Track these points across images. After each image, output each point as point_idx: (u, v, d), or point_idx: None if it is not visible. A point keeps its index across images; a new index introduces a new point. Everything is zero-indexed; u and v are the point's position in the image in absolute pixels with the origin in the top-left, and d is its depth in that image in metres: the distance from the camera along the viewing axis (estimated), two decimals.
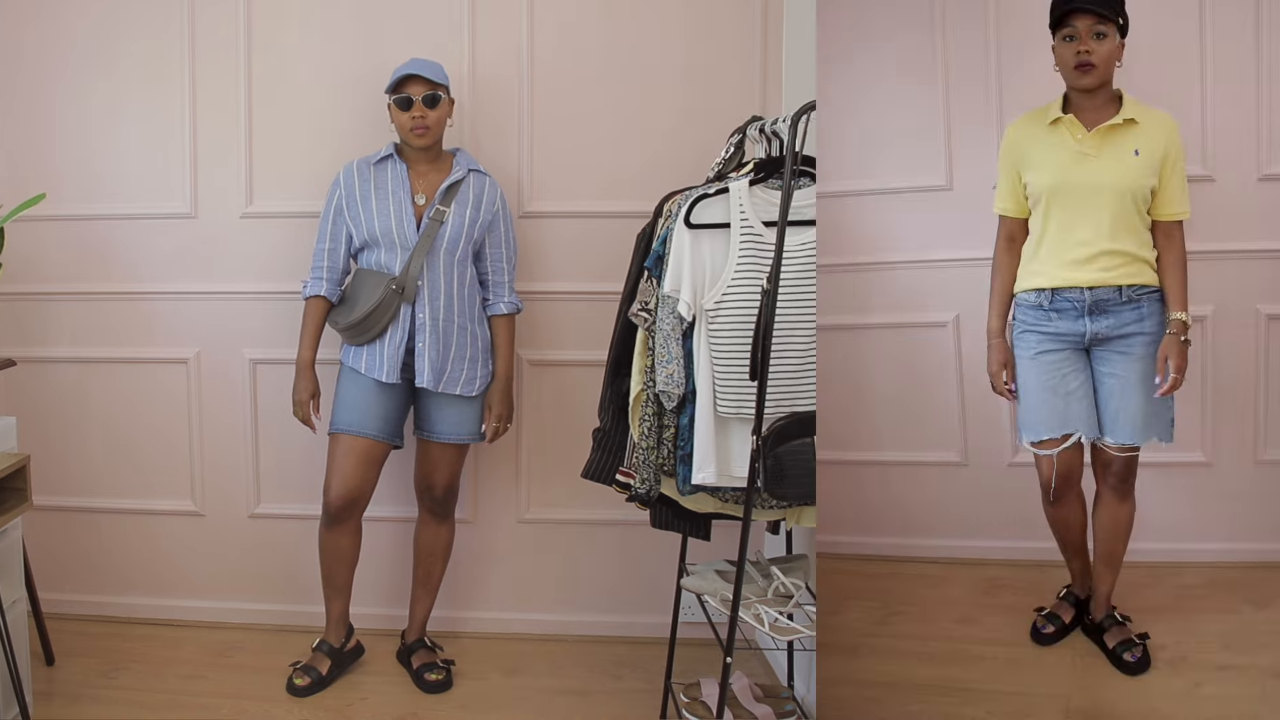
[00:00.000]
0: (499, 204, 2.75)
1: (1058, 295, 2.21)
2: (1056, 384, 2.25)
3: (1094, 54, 2.13)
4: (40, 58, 3.00)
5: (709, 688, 2.49)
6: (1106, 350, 2.23)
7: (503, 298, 2.80)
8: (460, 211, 2.66)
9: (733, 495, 2.29)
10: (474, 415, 2.78)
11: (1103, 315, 2.20)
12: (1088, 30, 2.14)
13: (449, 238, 2.64)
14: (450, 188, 2.67)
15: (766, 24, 2.93)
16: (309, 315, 2.73)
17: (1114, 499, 2.32)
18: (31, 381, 3.09)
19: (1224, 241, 2.80)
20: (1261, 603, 2.71)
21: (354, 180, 2.69)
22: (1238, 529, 2.90)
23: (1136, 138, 2.18)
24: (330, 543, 2.79)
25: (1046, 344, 2.25)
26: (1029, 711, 2.30)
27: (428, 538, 2.87)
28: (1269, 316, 2.82)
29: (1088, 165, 2.17)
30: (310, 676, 2.77)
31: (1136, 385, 2.21)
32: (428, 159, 2.70)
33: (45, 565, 3.02)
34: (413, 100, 2.60)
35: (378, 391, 2.69)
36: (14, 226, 2.67)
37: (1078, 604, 2.48)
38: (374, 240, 2.65)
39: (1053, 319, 2.23)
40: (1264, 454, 2.86)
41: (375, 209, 2.65)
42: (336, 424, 2.72)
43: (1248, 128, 2.77)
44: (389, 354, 2.66)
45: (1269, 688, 2.31)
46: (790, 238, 2.07)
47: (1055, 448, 2.27)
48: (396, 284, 2.62)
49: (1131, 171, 2.16)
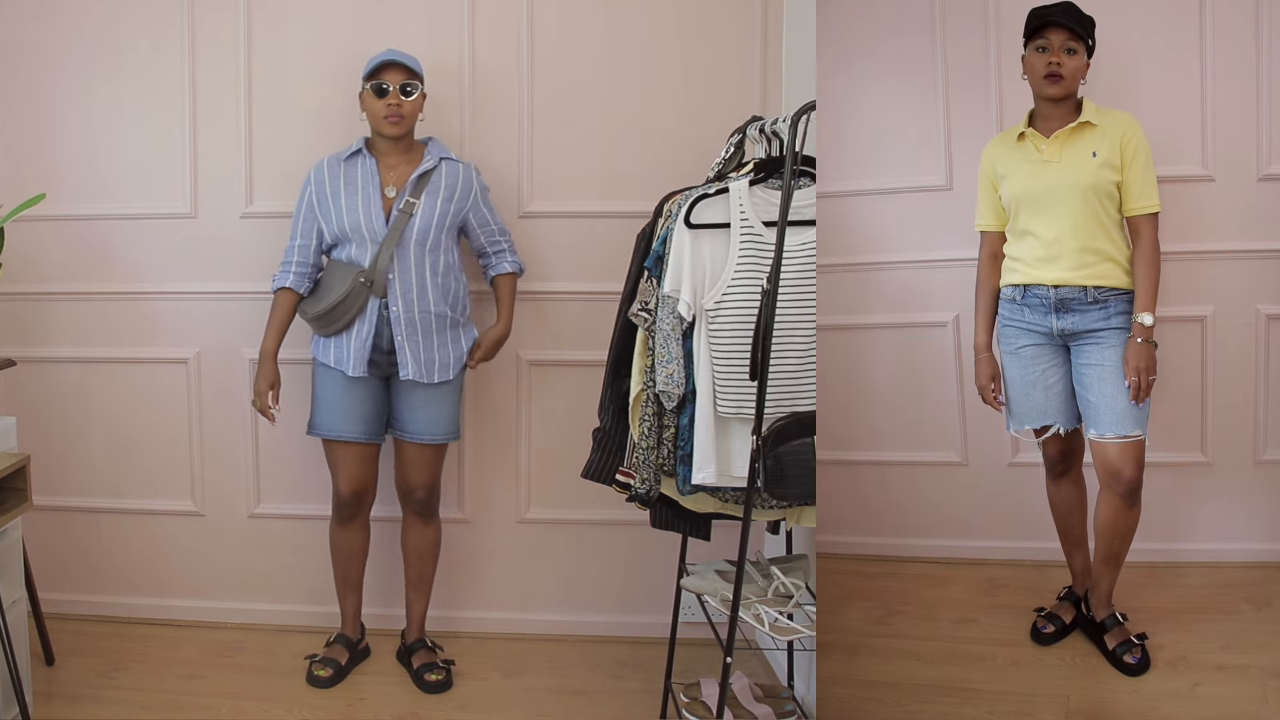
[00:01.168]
0: (475, 186, 2.74)
1: (1029, 291, 2.30)
2: (1036, 378, 2.35)
3: (1064, 67, 2.23)
4: (40, 58, 3.00)
5: (709, 688, 2.49)
6: (1083, 343, 2.29)
7: (506, 259, 2.83)
8: (431, 201, 2.65)
9: (733, 495, 2.29)
10: (448, 412, 2.76)
11: (1068, 313, 2.27)
12: (1060, 44, 2.23)
13: (419, 229, 2.63)
14: (421, 178, 2.66)
15: (766, 24, 2.93)
16: (276, 306, 2.73)
17: (1123, 504, 2.30)
18: (32, 381, 3.09)
19: (1224, 241, 2.81)
20: (1261, 603, 2.71)
21: (324, 177, 2.69)
22: (1238, 529, 2.90)
23: (1095, 139, 2.25)
24: (343, 539, 2.84)
25: (1024, 338, 2.35)
26: (1029, 711, 2.30)
27: (416, 539, 2.86)
28: (1269, 316, 2.82)
29: (1050, 170, 2.26)
30: (331, 668, 2.79)
31: (1114, 374, 2.24)
32: (398, 151, 2.69)
33: (45, 565, 3.02)
34: (388, 88, 2.59)
35: (351, 391, 2.70)
36: (14, 226, 2.67)
37: (1078, 603, 2.48)
38: (344, 235, 2.65)
39: (1025, 313, 2.33)
40: (1264, 454, 2.87)
41: (345, 204, 2.65)
42: (318, 427, 2.74)
43: (1248, 128, 2.77)
44: (356, 347, 2.67)
45: (1269, 688, 2.31)
46: (790, 238, 2.07)
47: (1037, 437, 2.40)
48: (365, 276, 2.61)
49: (1091, 171, 2.23)
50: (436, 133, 2.94)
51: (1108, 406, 2.25)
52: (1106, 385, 2.24)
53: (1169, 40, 2.22)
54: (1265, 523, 2.88)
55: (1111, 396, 2.24)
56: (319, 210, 2.68)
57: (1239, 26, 2.74)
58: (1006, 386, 2.40)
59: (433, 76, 2.94)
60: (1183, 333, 2.37)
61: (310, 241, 2.71)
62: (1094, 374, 2.26)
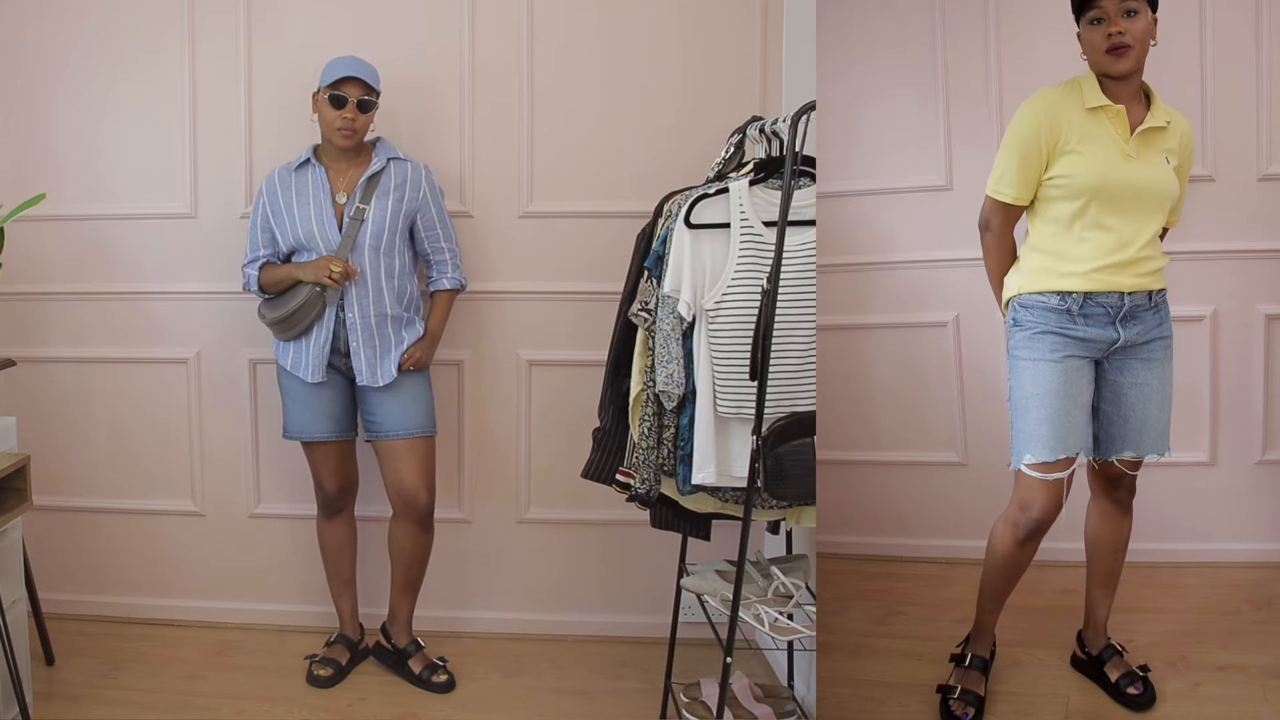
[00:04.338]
0: (424, 186, 2.71)
1: (1090, 300, 2.01)
2: (1076, 393, 2.03)
3: (1127, 34, 1.92)
4: (40, 58, 3.00)
5: (709, 688, 2.49)
6: (1128, 359, 2.08)
7: (445, 274, 2.78)
8: (381, 204, 2.65)
9: (733, 495, 2.29)
10: (415, 406, 2.73)
11: (1134, 321, 2.04)
12: (1117, 9, 1.93)
13: (371, 233, 2.63)
14: (370, 181, 2.65)
15: (766, 24, 2.93)
16: (266, 271, 2.71)
17: (1119, 513, 2.27)
18: (32, 381, 3.09)
19: (1224, 241, 2.81)
20: (1261, 603, 2.71)
21: (276, 188, 2.69)
22: (1238, 529, 2.90)
23: (1167, 142, 2.05)
24: (331, 533, 2.86)
25: (1070, 347, 2.04)
26: (1029, 711, 2.30)
27: (411, 544, 2.81)
28: (1269, 316, 2.83)
29: (1131, 166, 1.99)
30: (331, 668, 2.79)
31: (1162, 394, 2.10)
32: (347, 156, 2.68)
33: (45, 565, 3.02)
34: (346, 100, 2.58)
35: (316, 393, 2.71)
36: (14, 226, 2.67)
37: (985, 669, 2.29)
38: (300, 245, 2.66)
39: (1079, 324, 2.03)
40: (1265, 454, 2.87)
41: (297, 215, 2.65)
42: (291, 430, 2.77)
43: (1248, 128, 2.78)
44: (314, 354, 2.67)
45: (1269, 688, 2.31)
46: (790, 238, 2.07)
47: (1059, 471, 2.02)
48: (320, 285, 2.62)
49: (1169, 179, 2.04)
50: (436, 133, 2.95)
51: (1151, 428, 2.10)
52: (1151, 406, 2.08)
53: (1169, 40, 2.20)
54: (1266, 523, 2.89)
55: (1155, 417, 2.09)
56: (274, 222, 2.69)
57: (1239, 26, 2.75)
58: (1028, 405, 2.04)
59: (433, 76, 2.95)
60: (1183, 333, 2.36)
61: (268, 251, 2.73)
62: (1138, 394, 2.08)
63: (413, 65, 2.93)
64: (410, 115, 2.93)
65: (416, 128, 2.94)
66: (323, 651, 2.86)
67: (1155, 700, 2.25)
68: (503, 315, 3.02)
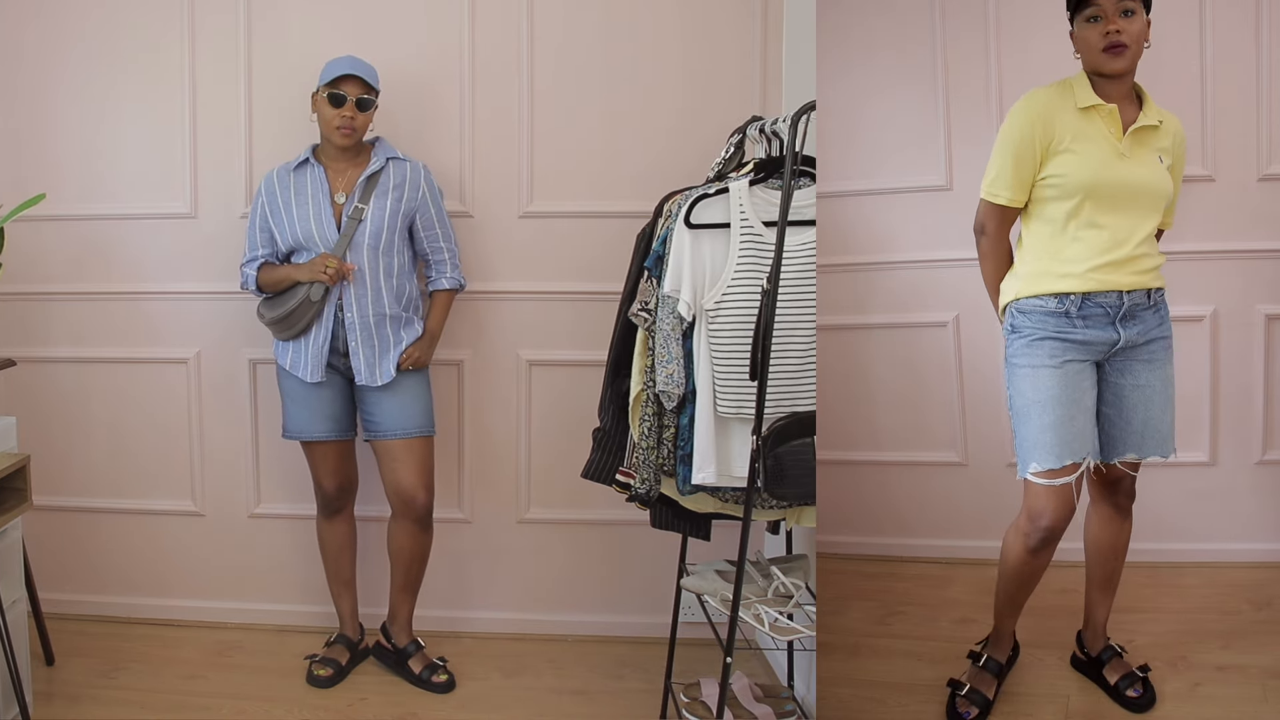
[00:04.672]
0: (424, 186, 2.71)
1: (1089, 300, 2.00)
2: (1079, 397, 2.01)
3: (1124, 33, 1.92)
4: (40, 57, 3.00)
5: (709, 688, 2.49)
6: (1129, 360, 2.06)
7: (444, 274, 2.78)
8: (380, 204, 2.65)
9: (733, 495, 2.29)
10: (414, 405, 2.73)
11: (1134, 321, 2.03)
12: (1114, 8, 1.93)
13: (370, 232, 2.63)
14: (369, 180, 2.65)
15: (766, 24, 2.93)
16: (265, 271, 2.71)
17: (1119, 517, 2.26)
18: (32, 381, 3.09)
19: (1224, 241, 2.81)
20: (1261, 603, 2.71)
21: (275, 188, 2.69)
22: (1238, 529, 2.90)
23: (1160, 141, 2.05)
24: (331, 533, 2.86)
25: (1070, 351, 2.01)
26: (1029, 711, 2.30)
27: (411, 544, 2.81)
28: (1269, 316, 2.82)
29: (1125, 164, 1.99)
30: (331, 668, 2.79)
31: (1164, 395, 2.08)
32: (347, 156, 2.68)
33: (45, 565, 3.02)
34: (345, 99, 2.58)
35: (316, 392, 2.71)
36: (14, 226, 2.67)
37: (999, 673, 2.31)
38: (298, 244, 2.66)
39: (1078, 326, 2.01)
40: (1264, 454, 2.87)
41: (296, 215, 2.65)
42: (290, 430, 2.77)
43: (1248, 128, 2.78)
44: (313, 353, 2.67)
45: (1269, 688, 2.31)
46: (790, 238, 2.07)
47: (1066, 476, 2.00)
48: (315, 284, 2.62)
49: (1163, 177, 2.04)
50: (436, 133, 2.95)
51: (1154, 429, 2.08)
52: (1154, 408, 2.07)
53: (1169, 40, 2.19)
54: (1266, 523, 2.89)
55: (1158, 419, 2.08)
56: (272, 221, 2.69)
57: (1239, 26, 2.75)
58: (1031, 413, 2.02)
59: (432, 76, 2.95)
60: (1183, 333, 2.36)
61: (266, 251, 2.73)
62: (1139, 396, 2.06)
63: (413, 65, 2.93)
64: (410, 115, 2.93)
65: (416, 128, 2.94)
66: (323, 651, 2.86)
67: (1155, 702, 2.24)
68: (502, 315, 3.02)
